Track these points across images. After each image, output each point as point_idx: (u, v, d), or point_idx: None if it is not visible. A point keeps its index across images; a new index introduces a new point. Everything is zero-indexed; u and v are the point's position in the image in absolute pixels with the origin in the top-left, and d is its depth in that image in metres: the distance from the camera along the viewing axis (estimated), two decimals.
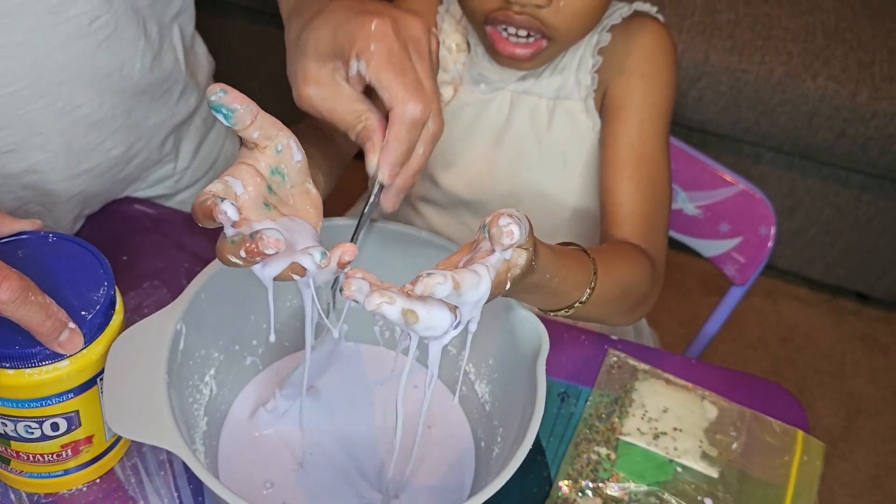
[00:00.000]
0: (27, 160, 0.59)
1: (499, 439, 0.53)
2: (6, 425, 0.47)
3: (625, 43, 0.69)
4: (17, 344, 0.44)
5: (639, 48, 0.68)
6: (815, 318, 1.54)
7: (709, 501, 0.55)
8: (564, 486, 0.55)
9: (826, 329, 1.53)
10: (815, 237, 1.47)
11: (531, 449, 0.45)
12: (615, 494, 0.55)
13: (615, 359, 0.63)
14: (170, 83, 0.68)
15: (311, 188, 0.48)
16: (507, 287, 0.43)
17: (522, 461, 0.44)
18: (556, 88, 0.71)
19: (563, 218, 0.75)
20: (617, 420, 0.59)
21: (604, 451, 0.57)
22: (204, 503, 0.52)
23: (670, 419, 0.59)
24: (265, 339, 0.59)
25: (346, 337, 0.62)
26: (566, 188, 0.73)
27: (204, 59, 0.76)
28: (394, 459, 0.51)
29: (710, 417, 0.60)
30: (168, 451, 0.54)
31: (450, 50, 0.72)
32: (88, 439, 0.50)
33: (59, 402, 0.47)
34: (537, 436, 0.46)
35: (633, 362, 0.63)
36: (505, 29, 0.64)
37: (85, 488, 0.52)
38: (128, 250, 0.68)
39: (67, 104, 0.58)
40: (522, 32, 0.63)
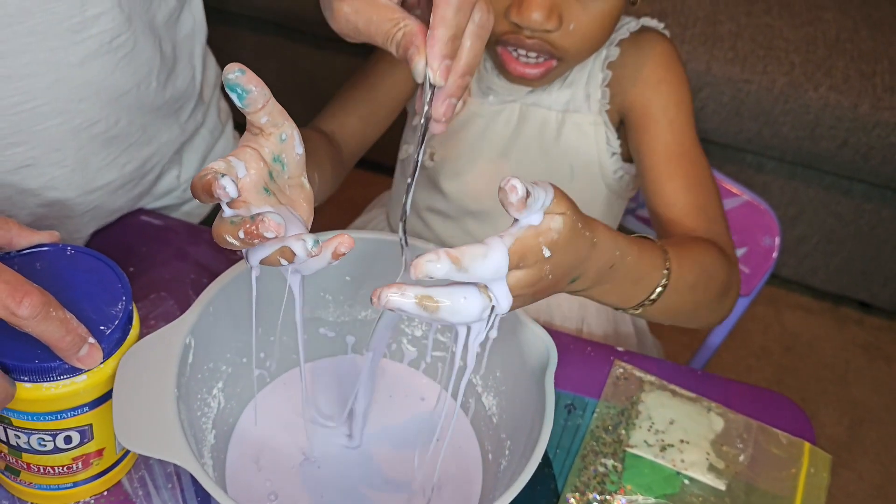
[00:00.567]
0: (44, 176, 0.59)
1: (506, 452, 0.53)
2: (19, 437, 0.47)
3: (634, 56, 0.69)
4: (35, 358, 0.44)
5: (650, 59, 0.69)
6: (818, 327, 1.54)
7: None
8: (572, 498, 0.55)
9: (829, 338, 1.53)
10: (817, 246, 1.47)
11: (539, 462, 0.45)
12: None
13: (621, 370, 0.63)
14: (183, 100, 0.69)
15: (306, 183, 0.48)
16: (549, 255, 0.42)
17: (531, 475, 0.44)
18: (566, 101, 0.71)
19: None
20: (624, 432, 0.59)
21: (611, 463, 0.57)
22: None
23: (677, 431, 0.59)
24: (272, 352, 0.59)
25: (353, 349, 0.62)
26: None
27: (212, 72, 0.76)
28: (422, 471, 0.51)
29: (717, 429, 0.60)
30: (175, 464, 0.54)
31: None
32: (99, 452, 0.50)
33: (74, 415, 0.47)
34: (545, 450, 0.46)
35: (639, 374, 0.63)
36: (515, 49, 0.64)
37: (92, 501, 0.52)
38: (134, 261, 0.68)
39: (85, 121, 0.59)
40: (532, 54, 0.64)
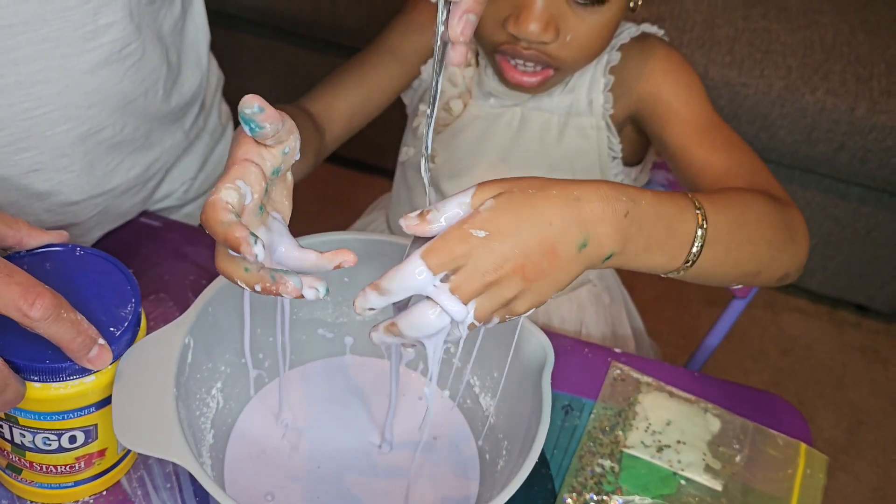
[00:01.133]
0: (51, 181, 0.60)
1: (504, 452, 0.53)
2: (24, 436, 0.47)
3: (636, 59, 0.70)
4: (46, 358, 0.44)
5: (653, 57, 0.69)
6: (816, 330, 1.55)
7: None
8: (569, 498, 0.55)
9: (826, 340, 1.53)
10: (814, 249, 1.48)
11: (536, 461, 0.45)
12: None
13: (618, 371, 0.63)
14: (187, 107, 0.70)
15: (289, 175, 0.48)
16: (485, 234, 0.41)
17: (528, 475, 0.45)
18: (568, 106, 0.71)
19: None
20: (621, 433, 0.59)
21: (608, 463, 0.57)
22: None
23: (674, 432, 0.59)
24: (271, 353, 0.59)
25: (351, 350, 0.62)
26: None
27: (214, 76, 0.77)
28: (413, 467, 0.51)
29: (714, 430, 0.60)
30: (174, 464, 0.54)
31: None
32: (102, 452, 0.50)
33: (81, 415, 0.47)
34: (542, 448, 0.46)
35: (636, 375, 0.63)
36: (513, 58, 0.65)
37: (91, 500, 0.53)
38: (134, 262, 0.68)
39: (93, 127, 0.59)
40: (530, 63, 0.65)
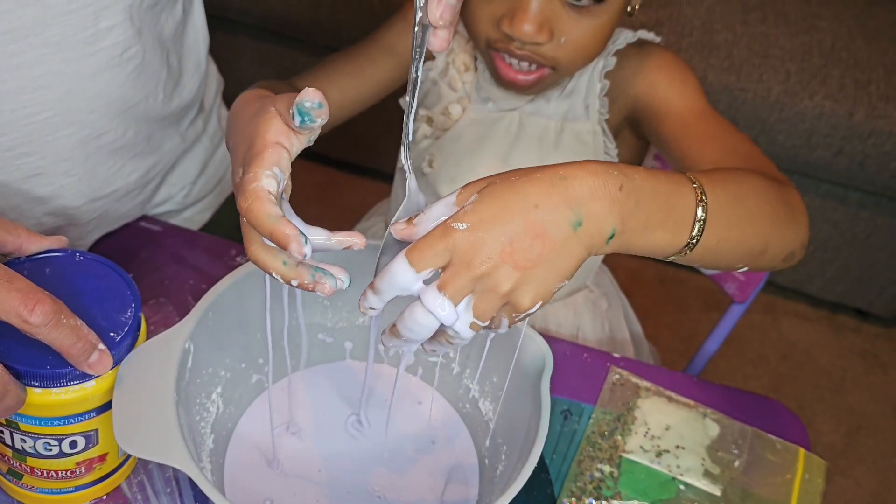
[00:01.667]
0: (52, 185, 0.60)
1: (503, 457, 0.53)
2: (25, 442, 0.47)
3: (631, 62, 0.70)
4: (47, 364, 0.44)
5: (648, 59, 0.70)
6: (815, 335, 1.55)
7: None
8: (568, 503, 0.55)
9: (826, 345, 1.53)
10: (814, 254, 1.48)
11: (535, 466, 0.46)
12: None
13: (617, 376, 0.63)
14: (186, 111, 0.70)
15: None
16: (466, 226, 0.40)
17: (527, 479, 0.45)
18: (565, 111, 0.72)
19: None
20: (620, 438, 0.59)
21: (607, 468, 0.57)
22: None
23: (673, 437, 0.59)
24: (271, 358, 0.59)
25: (351, 355, 0.62)
26: None
27: (214, 80, 0.77)
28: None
29: (712, 435, 0.60)
30: (174, 469, 0.54)
31: (458, 70, 0.73)
32: (102, 457, 0.50)
33: (81, 420, 0.47)
34: (541, 453, 0.46)
35: (635, 380, 0.63)
36: (507, 55, 0.65)
37: None
38: (133, 267, 0.68)
39: (94, 131, 0.59)
40: (525, 63, 0.65)
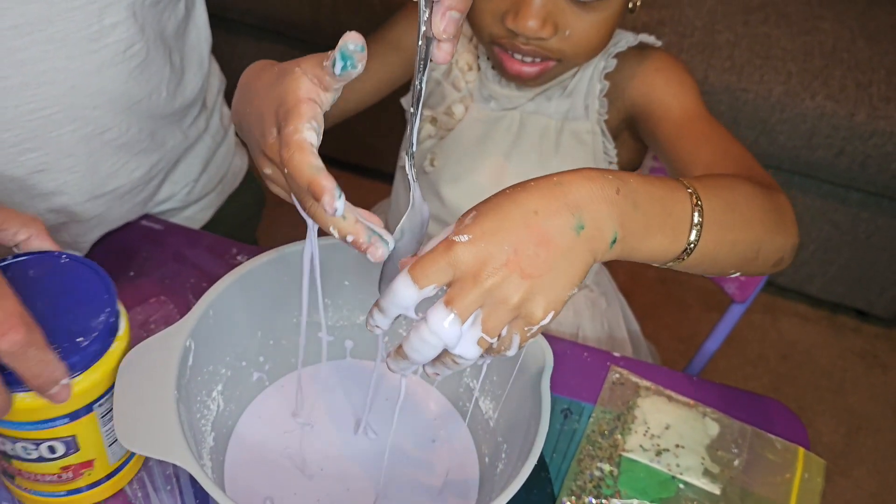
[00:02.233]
0: (55, 181, 0.60)
1: (503, 455, 0.54)
2: (5, 444, 0.47)
3: (631, 66, 0.70)
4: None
5: (647, 60, 0.70)
6: (815, 335, 1.55)
7: None
8: (568, 502, 0.56)
9: (826, 346, 1.53)
10: (814, 254, 1.48)
11: (535, 465, 0.46)
12: None
13: (617, 375, 0.63)
14: (188, 108, 0.70)
15: None
16: (468, 238, 0.39)
17: (527, 477, 0.45)
18: (566, 110, 0.72)
19: None
20: (619, 436, 0.59)
21: (607, 467, 0.58)
22: None
23: (672, 436, 0.59)
24: (272, 356, 0.59)
25: (351, 354, 0.62)
26: None
27: (216, 78, 0.77)
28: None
29: (712, 434, 0.60)
30: (174, 466, 0.55)
31: (461, 70, 0.73)
32: (88, 463, 0.50)
33: (53, 426, 0.47)
34: (541, 452, 0.46)
35: (635, 379, 0.63)
36: (512, 52, 0.65)
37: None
38: (135, 266, 0.68)
39: (98, 128, 0.60)
40: (529, 57, 0.65)
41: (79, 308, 0.47)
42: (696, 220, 0.46)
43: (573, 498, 0.56)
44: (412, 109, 0.46)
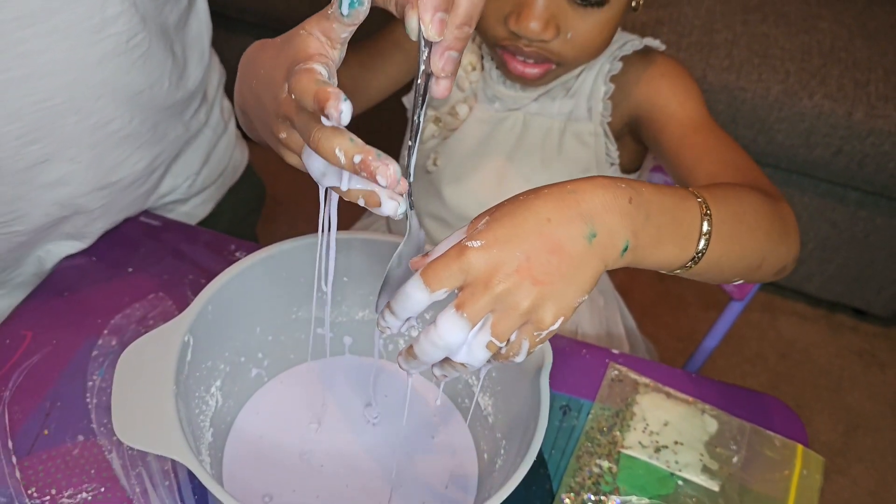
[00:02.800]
0: (59, 171, 0.60)
1: (502, 451, 0.54)
2: None
3: (636, 70, 0.70)
4: None
5: (652, 65, 0.70)
6: (813, 334, 1.55)
7: None
8: (567, 498, 0.56)
9: (824, 344, 1.53)
10: (812, 253, 1.48)
11: (534, 461, 0.46)
12: None
13: (616, 372, 0.64)
14: (190, 100, 0.71)
15: None
16: (480, 244, 0.39)
17: (525, 474, 0.45)
18: (569, 111, 0.72)
19: None
20: (618, 433, 0.59)
21: (605, 464, 0.58)
22: None
23: (671, 433, 0.59)
24: (270, 352, 0.59)
25: (350, 350, 0.62)
26: None
27: (216, 71, 0.78)
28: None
29: (711, 431, 0.60)
30: (172, 462, 0.55)
31: (465, 70, 0.73)
32: None
33: None
34: (540, 449, 0.46)
35: (634, 376, 0.63)
36: (515, 53, 0.65)
37: (90, 497, 0.53)
38: (133, 262, 0.68)
39: (101, 119, 0.60)
40: (531, 59, 0.65)
41: None
42: (705, 230, 0.46)
43: (572, 494, 0.56)
44: (409, 143, 0.46)
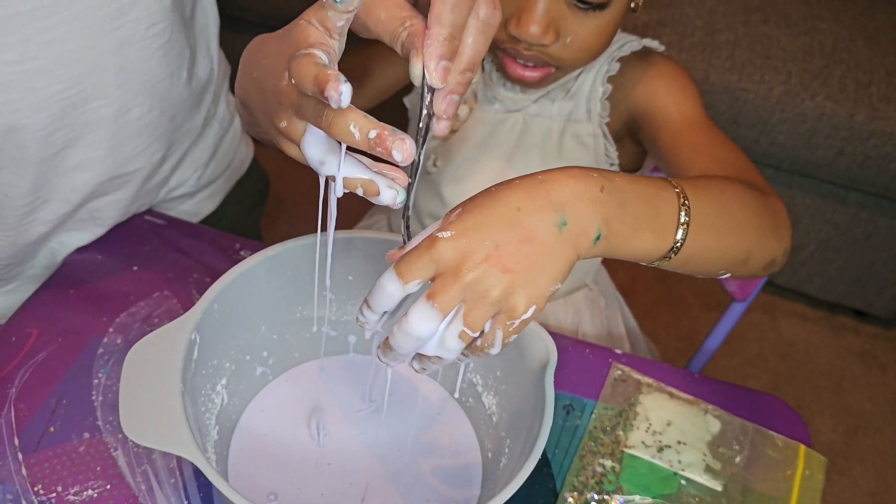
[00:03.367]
0: (78, 157, 0.61)
1: (506, 450, 0.54)
2: None
3: (634, 68, 0.70)
4: None
5: (651, 66, 0.70)
6: (814, 335, 1.55)
7: None
8: (570, 497, 0.56)
9: (825, 345, 1.54)
10: (813, 254, 1.48)
11: (538, 460, 0.46)
12: None
13: (619, 372, 0.64)
14: (203, 92, 0.72)
15: None
16: (450, 234, 0.40)
17: (530, 472, 0.45)
18: (568, 112, 0.72)
19: None
20: (621, 433, 0.60)
21: (609, 463, 0.58)
22: None
23: (674, 432, 0.60)
24: (275, 350, 0.59)
25: (354, 349, 0.63)
26: None
27: (222, 65, 0.79)
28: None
29: (714, 431, 0.60)
30: (178, 459, 0.55)
31: None
32: None
33: None
34: (543, 447, 0.46)
35: (637, 376, 0.64)
36: (514, 57, 0.65)
37: (96, 494, 0.53)
38: (138, 260, 0.68)
39: (121, 107, 0.61)
40: (531, 62, 0.65)
41: None
42: (682, 219, 0.46)
43: (575, 493, 0.56)
44: (409, 179, 0.46)
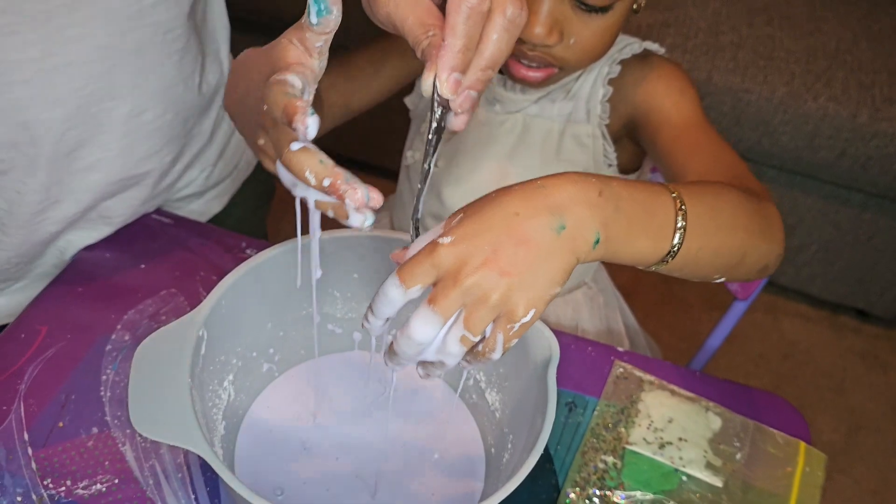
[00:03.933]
0: (90, 157, 0.62)
1: (509, 446, 0.54)
2: None
3: (634, 71, 0.71)
4: None
5: (652, 69, 0.71)
6: (816, 335, 1.56)
7: None
8: (572, 493, 0.56)
9: (827, 345, 1.54)
10: (816, 255, 1.49)
11: (540, 456, 0.46)
12: (622, 502, 0.56)
13: (621, 370, 0.64)
14: (213, 97, 0.73)
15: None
16: (451, 239, 0.40)
17: (531, 468, 0.46)
18: (568, 113, 0.73)
19: None
20: (623, 430, 0.60)
21: (610, 459, 0.58)
22: None
23: (675, 429, 0.60)
24: (281, 347, 0.60)
25: (360, 346, 0.63)
26: None
27: (228, 67, 0.80)
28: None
29: (715, 428, 0.61)
30: (185, 454, 0.56)
31: None
32: None
33: None
34: (546, 444, 0.47)
35: (639, 373, 0.64)
36: (518, 58, 0.66)
37: (104, 489, 0.54)
38: (146, 258, 0.69)
39: (135, 109, 0.62)
40: (534, 63, 0.66)
41: None
42: (679, 224, 0.46)
43: (577, 489, 0.57)
44: (419, 186, 0.47)
